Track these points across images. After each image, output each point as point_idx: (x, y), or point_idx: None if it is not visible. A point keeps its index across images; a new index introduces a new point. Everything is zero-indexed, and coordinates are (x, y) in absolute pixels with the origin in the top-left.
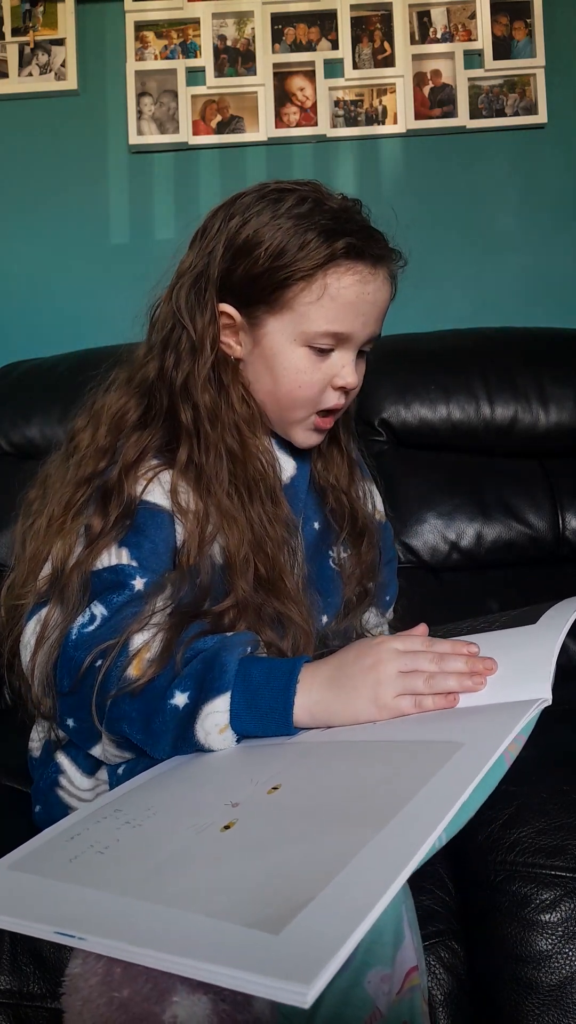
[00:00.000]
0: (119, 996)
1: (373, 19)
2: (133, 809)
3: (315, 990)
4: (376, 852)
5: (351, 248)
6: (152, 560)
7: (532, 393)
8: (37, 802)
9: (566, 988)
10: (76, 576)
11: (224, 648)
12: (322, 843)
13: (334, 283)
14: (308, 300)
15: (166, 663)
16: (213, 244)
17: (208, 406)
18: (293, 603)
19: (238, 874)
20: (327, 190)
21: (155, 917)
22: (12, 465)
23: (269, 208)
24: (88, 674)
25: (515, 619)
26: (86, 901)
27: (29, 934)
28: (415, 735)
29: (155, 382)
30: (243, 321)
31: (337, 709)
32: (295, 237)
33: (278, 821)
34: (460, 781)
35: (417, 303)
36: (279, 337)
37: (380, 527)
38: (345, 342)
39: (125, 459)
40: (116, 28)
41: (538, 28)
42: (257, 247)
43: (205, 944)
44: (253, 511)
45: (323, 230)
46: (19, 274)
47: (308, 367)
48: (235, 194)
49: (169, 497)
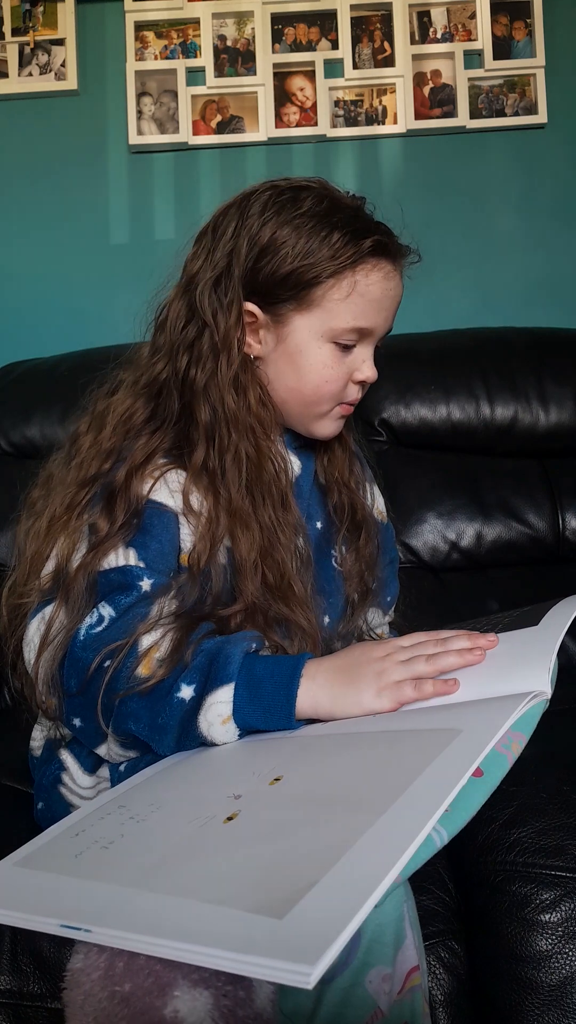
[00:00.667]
0: (120, 990)
1: (373, 19)
2: (137, 804)
3: (318, 970)
4: (377, 836)
5: (378, 245)
6: (159, 561)
7: (532, 393)
8: (39, 799)
9: (566, 988)
10: (82, 576)
11: (229, 642)
12: (324, 830)
13: (362, 280)
14: (337, 297)
15: (176, 663)
16: (233, 243)
17: (231, 408)
18: (300, 608)
19: (241, 862)
20: (334, 187)
21: (159, 906)
22: (12, 465)
23: (289, 207)
24: (96, 674)
25: (517, 620)
26: (90, 894)
27: (35, 929)
28: (414, 725)
29: (166, 383)
30: (266, 319)
31: (340, 700)
32: (321, 236)
33: (280, 811)
34: (459, 765)
35: (417, 303)
36: (305, 334)
37: (382, 526)
38: (367, 337)
39: (133, 461)
40: (116, 28)
41: (538, 28)
42: (283, 246)
43: (209, 930)
44: (264, 515)
45: (349, 228)
46: (19, 274)
47: (333, 362)
48: (245, 191)
49: (175, 497)
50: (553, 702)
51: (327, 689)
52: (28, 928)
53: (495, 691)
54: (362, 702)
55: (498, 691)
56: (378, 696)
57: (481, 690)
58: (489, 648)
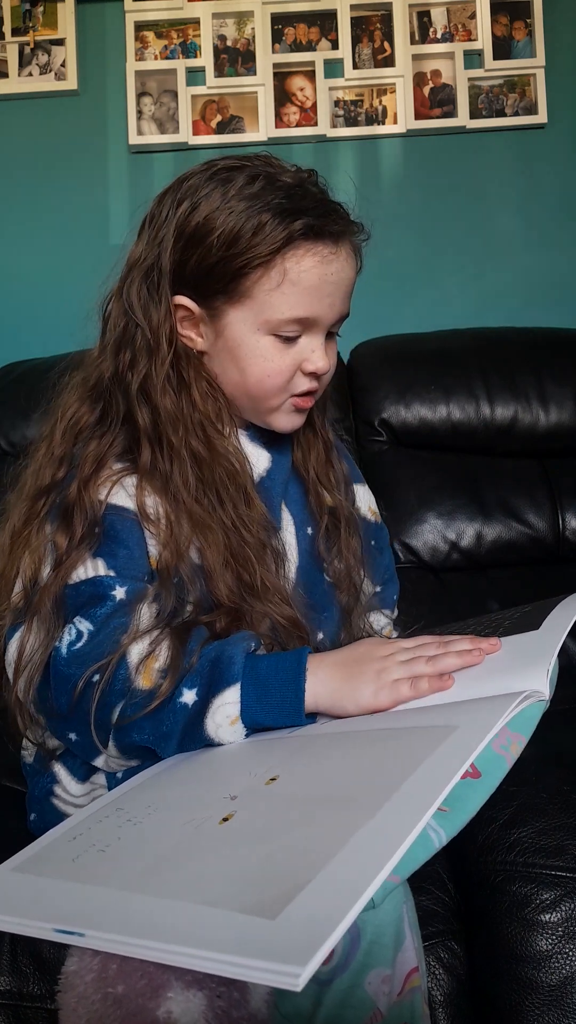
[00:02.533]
0: (114, 992)
1: (373, 19)
2: (134, 807)
3: (308, 972)
4: (370, 834)
5: (309, 228)
6: (130, 567)
7: (532, 393)
8: (32, 811)
9: (566, 988)
10: (50, 594)
11: (228, 643)
12: (318, 828)
13: (294, 267)
14: (268, 287)
15: (179, 670)
16: (163, 232)
17: (169, 409)
18: (277, 604)
19: (235, 863)
20: (280, 163)
21: (153, 908)
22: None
23: (219, 189)
24: (86, 690)
25: (518, 622)
26: (85, 897)
27: (30, 935)
28: (410, 723)
29: (109, 384)
30: (202, 312)
31: (338, 695)
32: (248, 220)
33: (275, 810)
34: (452, 764)
35: (417, 303)
36: (241, 327)
37: (374, 526)
38: (312, 327)
39: (82, 472)
40: (116, 28)
41: (538, 28)
42: (209, 234)
43: (200, 932)
44: (225, 515)
45: (278, 211)
46: (19, 274)
47: (275, 355)
48: (182, 175)
49: (133, 500)
50: (553, 702)
51: (327, 684)
52: (24, 934)
53: (492, 690)
54: (360, 699)
55: (495, 690)
56: (376, 694)
57: (478, 689)
58: (491, 652)
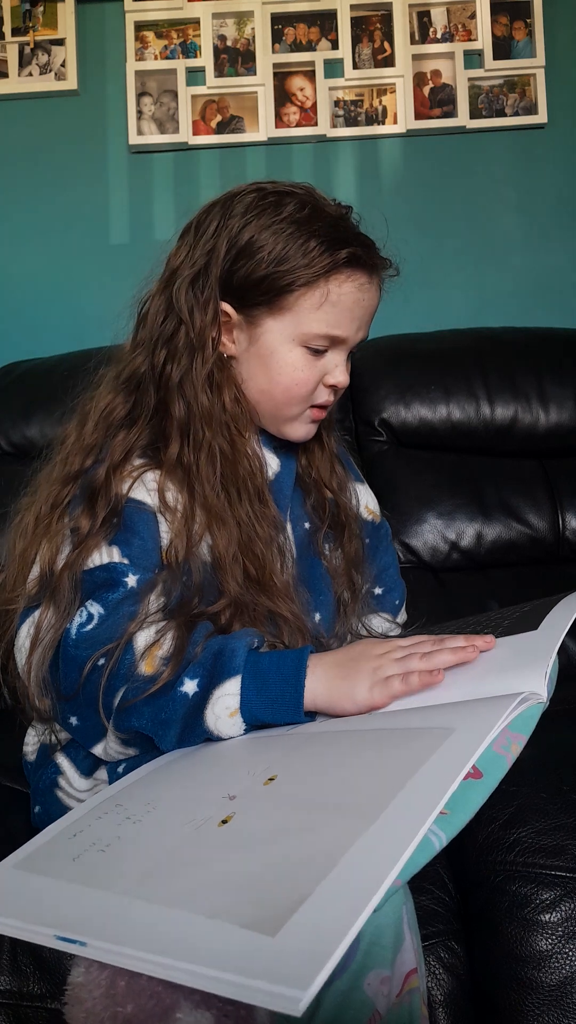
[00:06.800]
0: (123, 1011)
1: (373, 19)
2: (133, 803)
3: (308, 996)
4: (370, 844)
5: (353, 257)
6: (143, 557)
7: (532, 393)
8: (36, 803)
9: (566, 988)
10: (67, 576)
11: (232, 638)
12: (317, 836)
13: (335, 289)
14: (309, 305)
15: (181, 660)
16: (213, 242)
17: (204, 406)
18: (283, 600)
19: (236, 870)
20: (322, 195)
21: (154, 918)
22: (12, 465)
23: (270, 211)
24: (92, 673)
25: (518, 622)
26: (87, 903)
27: (31, 940)
28: (408, 723)
29: (144, 378)
30: (240, 319)
31: (335, 693)
32: (298, 243)
33: (274, 814)
34: (452, 767)
35: (417, 303)
36: (277, 336)
37: (373, 525)
38: (339, 344)
39: (112, 459)
40: (116, 28)
41: (538, 28)
42: (260, 251)
43: (203, 946)
44: (241, 511)
45: (325, 238)
46: (19, 274)
47: (304, 365)
48: (230, 192)
49: (151, 495)
50: (553, 702)
51: (324, 682)
52: (24, 939)
53: (490, 691)
54: (355, 696)
55: (493, 691)
56: (371, 691)
57: (477, 690)
58: (485, 648)
